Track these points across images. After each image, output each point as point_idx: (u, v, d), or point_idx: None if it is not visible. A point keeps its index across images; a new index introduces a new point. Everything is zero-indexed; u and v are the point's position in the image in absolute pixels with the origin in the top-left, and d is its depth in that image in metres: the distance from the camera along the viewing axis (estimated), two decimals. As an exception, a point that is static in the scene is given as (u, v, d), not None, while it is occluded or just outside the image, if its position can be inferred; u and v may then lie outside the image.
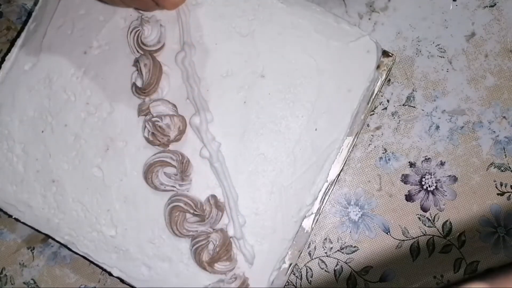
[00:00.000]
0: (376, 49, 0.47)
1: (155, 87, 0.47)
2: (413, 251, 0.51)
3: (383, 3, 0.54)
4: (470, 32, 0.53)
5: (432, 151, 0.52)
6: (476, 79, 0.53)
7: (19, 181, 0.49)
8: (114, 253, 0.47)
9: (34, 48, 0.50)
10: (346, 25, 0.47)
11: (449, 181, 0.52)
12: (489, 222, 0.51)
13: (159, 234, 0.47)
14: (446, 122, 0.52)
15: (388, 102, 0.53)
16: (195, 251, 0.46)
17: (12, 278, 0.54)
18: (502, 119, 0.52)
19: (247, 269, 0.46)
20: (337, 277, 0.52)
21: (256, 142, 0.47)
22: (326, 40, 0.47)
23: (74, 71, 0.49)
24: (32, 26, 0.51)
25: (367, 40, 0.47)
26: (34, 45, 0.50)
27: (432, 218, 0.51)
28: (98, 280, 0.53)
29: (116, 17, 0.49)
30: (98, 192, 0.48)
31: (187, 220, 0.46)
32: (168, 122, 0.46)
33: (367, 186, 0.52)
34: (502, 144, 0.52)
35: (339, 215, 0.52)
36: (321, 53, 0.47)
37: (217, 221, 0.46)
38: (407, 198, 0.52)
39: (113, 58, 0.49)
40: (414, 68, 0.53)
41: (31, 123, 0.49)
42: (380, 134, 0.53)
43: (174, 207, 0.46)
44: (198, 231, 0.46)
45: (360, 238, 0.52)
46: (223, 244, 0.45)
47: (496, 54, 0.53)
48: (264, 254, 0.46)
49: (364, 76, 0.47)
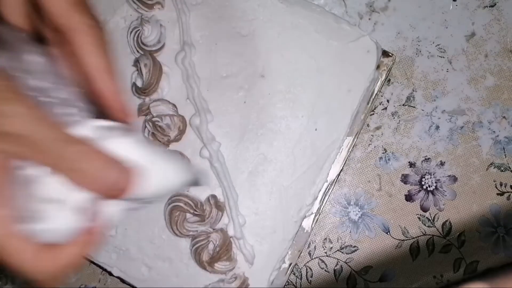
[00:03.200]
0: (376, 49, 0.47)
1: (155, 87, 0.47)
2: (413, 251, 0.51)
3: (383, 3, 0.54)
4: (470, 32, 0.53)
5: (432, 151, 0.52)
6: (476, 79, 0.53)
7: (19, 181, 0.49)
8: (114, 253, 0.47)
9: (34, 48, 0.50)
10: (346, 25, 0.47)
11: (449, 181, 0.52)
12: (488, 222, 0.51)
13: (159, 234, 0.47)
14: (446, 122, 0.52)
15: (388, 102, 0.53)
16: (195, 251, 0.46)
17: (12, 278, 0.54)
18: (502, 119, 0.52)
19: (247, 269, 0.46)
20: (337, 277, 0.52)
21: (256, 142, 0.47)
22: (326, 40, 0.47)
23: (74, 71, 0.49)
24: (32, 26, 0.51)
25: (367, 40, 0.47)
26: (34, 45, 0.50)
27: (432, 218, 0.51)
28: (98, 280, 0.53)
29: (116, 17, 0.49)
30: (98, 192, 0.48)
31: (187, 220, 0.46)
32: (168, 122, 0.46)
33: (367, 186, 0.52)
34: (502, 144, 0.52)
35: (339, 215, 0.52)
36: (321, 53, 0.47)
37: (217, 221, 0.46)
38: (407, 198, 0.52)
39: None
40: (414, 68, 0.53)
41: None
42: (380, 134, 0.53)
43: (174, 207, 0.46)
44: (198, 231, 0.46)
45: (360, 238, 0.52)
46: (223, 244, 0.45)
47: (496, 54, 0.53)
48: (264, 254, 0.46)
49: (364, 76, 0.47)
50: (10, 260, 0.27)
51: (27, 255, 0.27)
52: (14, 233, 0.27)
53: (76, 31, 0.30)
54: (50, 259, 0.29)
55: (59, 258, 0.29)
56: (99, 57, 0.31)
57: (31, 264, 0.28)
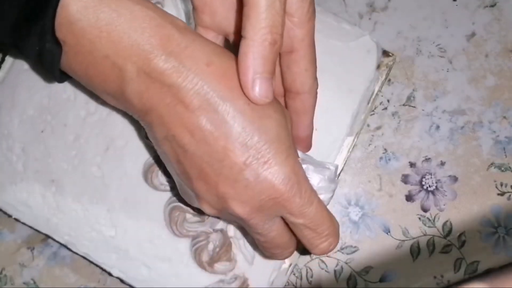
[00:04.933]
0: (376, 49, 0.47)
1: (155, 87, 0.47)
2: (413, 251, 0.51)
3: (383, 3, 0.54)
4: (470, 32, 0.53)
5: (432, 151, 0.52)
6: (477, 79, 0.53)
7: (19, 181, 0.49)
8: (113, 253, 0.47)
9: (34, 48, 0.50)
10: (346, 25, 0.47)
11: (449, 181, 0.52)
12: (489, 222, 0.51)
13: (159, 234, 0.47)
14: (447, 122, 0.52)
15: (388, 102, 0.53)
16: (195, 251, 0.45)
17: (11, 278, 0.54)
18: (503, 119, 0.52)
19: (247, 269, 0.46)
20: (337, 277, 0.51)
21: (256, 142, 0.47)
22: (326, 39, 0.47)
23: (74, 70, 0.49)
24: (32, 25, 0.51)
25: (367, 40, 0.47)
26: (34, 45, 0.50)
27: (432, 218, 0.51)
28: (98, 280, 0.53)
29: (116, 17, 0.49)
30: (97, 192, 0.48)
31: (187, 220, 0.46)
32: (168, 122, 0.46)
33: (367, 186, 0.52)
34: (503, 144, 0.52)
35: (339, 215, 0.52)
36: (321, 53, 0.47)
37: (217, 221, 0.46)
38: (407, 198, 0.52)
39: (113, 57, 0.49)
40: (414, 68, 0.53)
41: (31, 123, 0.49)
42: (380, 134, 0.53)
43: (174, 207, 0.46)
44: (198, 231, 0.46)
45: (360, 238, 0.52)
46: (223, 245, 0.45)
47: (497, 54, 0.53)
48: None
49: (364, 76, 0.47)
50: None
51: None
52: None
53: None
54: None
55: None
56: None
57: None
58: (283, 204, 0.34)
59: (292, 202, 0.34)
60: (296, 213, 0.35)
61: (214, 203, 0.35)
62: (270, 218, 0.36)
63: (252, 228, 0.36)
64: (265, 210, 0.35)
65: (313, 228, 0.36)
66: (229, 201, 0.34)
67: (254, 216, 0.35)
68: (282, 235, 0.37)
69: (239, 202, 0.34)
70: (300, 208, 0.34)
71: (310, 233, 0.36)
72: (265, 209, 0.35)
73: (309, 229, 0.36)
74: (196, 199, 0.37)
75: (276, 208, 0.35)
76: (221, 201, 0.35)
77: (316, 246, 0.37)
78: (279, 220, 0.36)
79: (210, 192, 0.35)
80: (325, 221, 0.36)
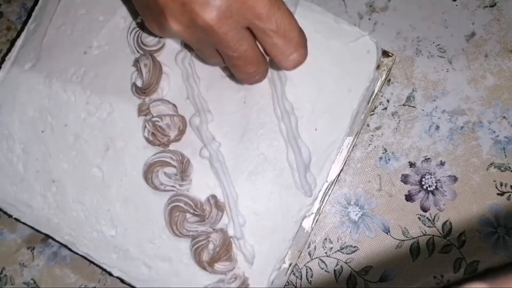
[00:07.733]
0: (376, 49, 0.47)
1: (155, 87, 0.47)
2: (413, 251, 0.51)
3: (383, 3, 0.54)
4: (470, 32, 0.53)
5: (432, 151, 0.52)
6: (476, 79, 0.53)
7: (19, 181, 0.49)
8: (114, 253, 0.47)
9: (34, 48, 0.50)
10: (346, 25, 0.47)
11: (449, 181, 0.52)
12: (489, 222, 0.51)
13: (159, 234, 0.47)
14: (446, 122, 0.52)
15: (388, 102, 0.53)
16: (195, 251, 0.46)
17: (12, 278, 0.54)
18: (502, 119, 0.52)
19: (247, 269, 0.46)
20: (337, 277, 0.52)
21: (256, 142, 0.47)
22: (326, 40, 0.47)
23: (74, 71, 0.49)
24: (32, 26, 0.51)
25: (367, 40, 0.47)
26: (34, 45, 0.50)
27: (432, 218, 0.51)
28: (98, 280, 0.53)
29: (116, 17, 0.49)
30: (98, 192, 0.48)
31: (187, 220, 0.46)
32: (168, 122, 0.46)
33: (367, 186, 0.52)
34: (502, 144, 0.52)
35: (339, 215, 0.52)
36: (321, 53, 0.47)
37: (217, 221, 0.46)
38: (407, 198, 0.52)
39: (113, 58, 0.49)
40: (414, 68, 0.53)
41: (31, 123, 0.49)
42: (380, 134, 0.53)
43: (174, 207, 0.46)
44: (198, 231, 0.46)
45: (360, 238, 0.52)
46: (223, 244, 0.45)
47: (496, 54, 0.53)
48: (264, 254, 0.46)
49: (364, 76, 0.47)
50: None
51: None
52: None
53: None
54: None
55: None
56: None
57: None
58: (251, 4, 0.33)
59: (260, 2, 0.34)
60: (264, 17, 0.34)
61: (180, 14, 0.34)
62: (239, 27, 0.35)
63: (224, 42, 0.35)
64: (233, 16, 0.34)
65: (283, 35, 0.35)
66: (194, 6, 0.33)
67: (222, 24, 0.34)
68: (254, 48, 0.37)
69: (205, 5, 0.33)
70: (268, 11, 0.34)
71: (280, 40, 0.36)
72: (233, 14, 0.34)
73: (278, 36, 0.35)
74: (162, 18, 0.35)
75: (243, 12, 0.34)
76: (187, 8, 0.34)
77: (287, 56, 0.37)
78: (248, 33, 0.36)
79: (175, 1, 0.34)
80: (294, 28, 0.36)
